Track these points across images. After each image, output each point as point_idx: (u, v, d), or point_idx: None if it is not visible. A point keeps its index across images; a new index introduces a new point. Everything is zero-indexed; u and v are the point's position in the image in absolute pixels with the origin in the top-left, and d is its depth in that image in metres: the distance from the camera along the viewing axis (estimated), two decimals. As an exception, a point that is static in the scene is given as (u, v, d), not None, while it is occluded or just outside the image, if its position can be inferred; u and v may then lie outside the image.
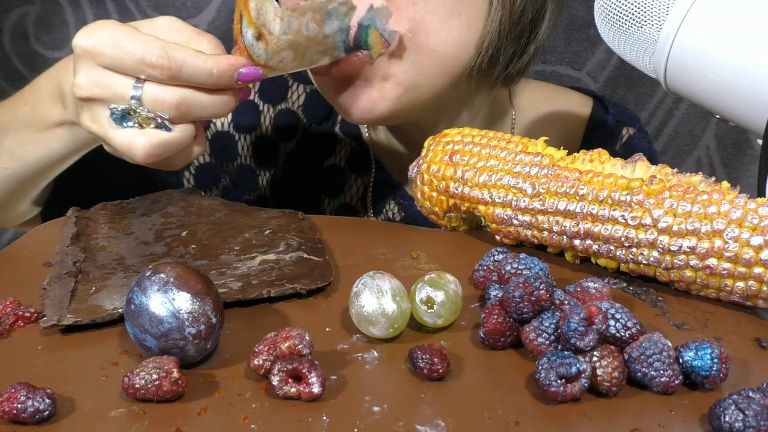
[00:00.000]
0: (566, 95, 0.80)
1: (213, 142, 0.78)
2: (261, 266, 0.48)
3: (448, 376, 0.39)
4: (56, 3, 1.03)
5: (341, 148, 0.79)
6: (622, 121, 0.79)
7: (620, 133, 0.79)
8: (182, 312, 0.37)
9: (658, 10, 0.52)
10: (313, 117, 0.79)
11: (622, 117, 0.80)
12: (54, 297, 0.44)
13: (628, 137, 0.79)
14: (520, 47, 0.66)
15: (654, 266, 0.46)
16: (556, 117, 0.78)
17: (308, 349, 0.38)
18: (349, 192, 0.79)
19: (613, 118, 0.79)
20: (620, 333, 0.39)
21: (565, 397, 0.36)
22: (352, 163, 0.79)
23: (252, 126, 0.79)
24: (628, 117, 0.80)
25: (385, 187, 0.78)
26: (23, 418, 0.35)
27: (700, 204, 0.44)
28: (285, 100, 0.79)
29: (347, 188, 0.79)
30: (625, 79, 1.05)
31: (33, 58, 1.06)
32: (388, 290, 0.41)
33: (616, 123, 0.79)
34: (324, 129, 0.79)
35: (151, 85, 0.50)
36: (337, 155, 0.79)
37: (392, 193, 0.78)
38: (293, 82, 0.80)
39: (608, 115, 0.79)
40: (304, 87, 0.80)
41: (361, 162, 0.78)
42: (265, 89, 0.79)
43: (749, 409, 0.34)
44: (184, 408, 0.36)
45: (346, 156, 0.79)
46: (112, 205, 0.57)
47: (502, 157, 0.51)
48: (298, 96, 0.79)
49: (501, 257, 0.45)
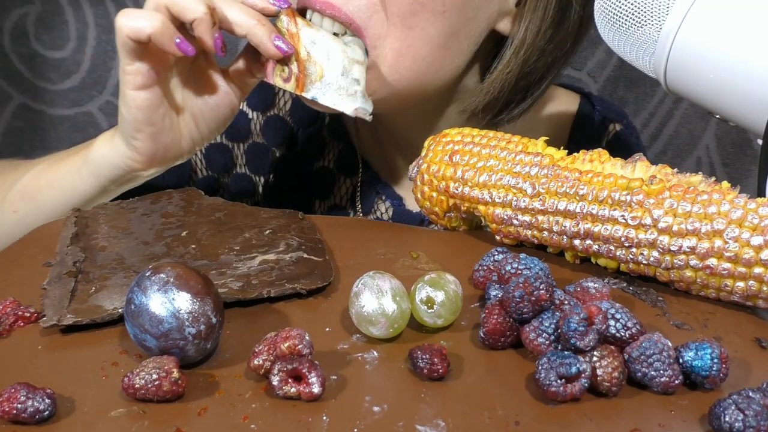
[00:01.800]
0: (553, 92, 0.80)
1: (209, 156, 0.79)
2: (261, 266, 0.48)
3: (448, 376, 0.39)
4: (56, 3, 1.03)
5: (329, 150, 0.80)
6: (609, 117, 0.79)
7: (607, 129, 0.79)
8: (182, 312, 0.37)
9: (658, 10, 0.52)
10: (300, 121, 0.80)
11: (609, 113, 0.79)
12: (54, 297, 0.44)
13: (615, 133, 0.79)
14: (520, 96, 0.68)
15: (654, 266, 0.46)
16: (544, 113, 0.78)
17: (308, 349, 0.38)
18: (339, 193, 0.80)
19: (600, 115, 0.79)
20: (620, 333, 0.39)
21: (565, 397, 0.36)
22: (340, 165, 0.80)
23: (244, 135, 0.81)
24: (615, 113, 0.80)
25: (373, 186, 0.79)
26: (23, 418, 0.35)
27: (700, 204, 0.44)
28: (273, 107, 0.81)
29: (336, 189, 0.80)
30: (625, 79, 1.04)
31: (33, 58, 1.06)
32: (388, 290, 0.41)
33: (602, 119, 0.79)
34: (311, 132, 0.80)
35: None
36: (325, 157, 0.80)
37: (380, 192, 0.78)
38: (279, 88, 0.80)
39: (594, 112, 0.79)
40: (291, 93, 0.80)
41: (349, 163, 0.79)
42: (254, 97, 0.80)
43: (749, 409, 0.34)
44: (184, 408, 0.36)
45: (335, 158, 0.80)
46: (112, 205, 0.57)
47: (502, 157, 0.51)
48: (285, 102, 0.81)
49: (501, 257, 0.45)
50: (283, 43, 0.57)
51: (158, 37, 0.54)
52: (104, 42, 1.04)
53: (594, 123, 0.79)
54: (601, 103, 0.80)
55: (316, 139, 0.80)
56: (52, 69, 1.06)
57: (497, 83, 0.65)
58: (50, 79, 1.07)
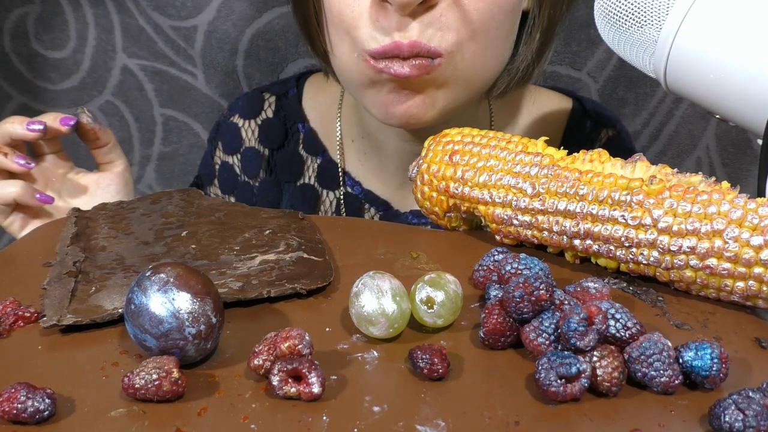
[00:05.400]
0: (547, 96, 0.80)
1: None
2: (261, 266, 0.48)
3: (448, 376, 0.39)
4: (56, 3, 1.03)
5: (308, 167, 0.81)
6: (602, 122, 0.79)
7: (599, 135, 0.79)
8: (182, 312, 0.37)
9: (658, 10, 0.52)
10: (272, 143, 0.82)
11: (602, 118, 0.79)
12: (54, 297, 0.44)
13: (607, 138, 0.79)
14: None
15: (654, 266, 0.46)
16: (536, 119, 0.78)
17: (308, 349, 0.38)
18: (323, 207, 0.81)
19: (592, 120, 0.79)
20: (620, 333, 0.39)
21: (565, 397, 0.36)
22: (321, 179, 0.80)
23: (232, 184, 0.84)
24: (608, 118, 0.80)
25: (356, 197, 0.79)
26: (23, 418, 0.35)
27: (700, 204, 0.44)
28: (243, 142, 0.83)
29: (320, 204, 0.81)
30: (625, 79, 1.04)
31: (33, 58, 1.06)
32: (388, 290, 0.41)
33: (595, 124, 0.79)
34: (288, 152, 0.82)
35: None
36: (305, 174, 0.81)
37: (364, 201, 0.78)
38: (243, 121, 0.83)
39: (587, 117, 0.79)
40: (254, 121, 0.83)
41: (330, 176, 0.80)
42: (223, 143, 0.84)
43: (749, 409, 0.34)
44: (184, 408, 0.36)
45: (315, 173, 0.81)
46: (112, 205, 0.57)
47: (502, 157, 0.51)
48: (252, 131, 0.82)
49: (501, 257, 0.45)
50: (26, 161, 0.64)
51: (22, 198, 0.65)
52: (104, 42, 1.04)
53: (586, 128, 0.79)
54: (594, 108, 0.79)
55: (294, 158, 0.81)
56: (52, 69, 1.06)
57: (522, 63, 0.66)
58: (50, 79, 1.07)
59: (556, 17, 0.66)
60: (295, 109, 0.82)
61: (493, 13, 0.59)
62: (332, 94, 0.80)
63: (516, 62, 0.67)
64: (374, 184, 0.78)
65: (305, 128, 0.81)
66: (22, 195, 0.64)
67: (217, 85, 1.06)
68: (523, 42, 0.66)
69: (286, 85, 0.83)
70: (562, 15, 0.67)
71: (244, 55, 1.04)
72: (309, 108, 0.82)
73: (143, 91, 1.08)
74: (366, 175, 0.79)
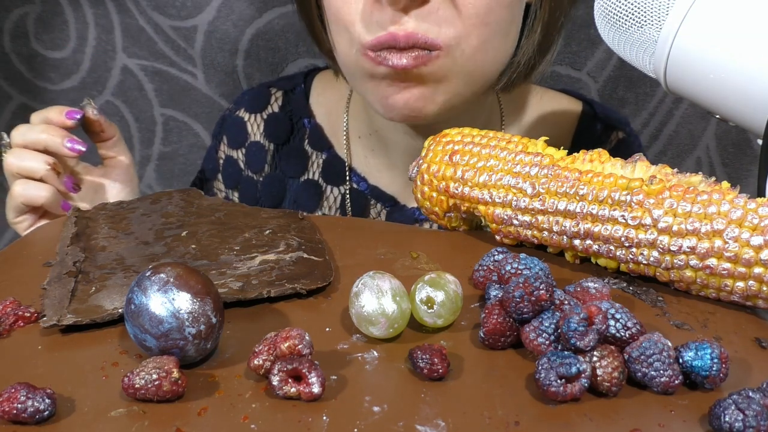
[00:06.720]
0: (556, 98, 0.80)
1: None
2: (261, 266, 0.48)
3: (448, 376, 0.39)
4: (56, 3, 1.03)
5: (313, 162, 0.81)
6: (611, 126, 0.79)
7: (609, 137, 0.79)
8: (182, 312, 0.37)
9: (658, 10, 0.52)
10: (277, 139, 0.82)
11: (611, 121, 0.79)
12: (54, 297, 0.44)
13: (617, 142, 0.79)
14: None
15: (654, 266, 0.46)
16: (545, 120, 0.78)
17: (308, 349, 0.38)
18: (326, 203, 0.81)
19: (602, 123, 0.79)
20: (620, 333, 0.39)
21: (565, 397, 0.36)
22: (326, 175, 0.80)
23: (236, 179, 0.84)
24: (617, 121, 0.80)
25: (362, 192, 0.79)
26: (23, 418, 0.35)
27: (700, 204, 0.44)
28: (248, 136, 0.83)
29: (325, 200, 0.81)
30: (625, 79, 1.05)
31: (33, 58, 1.06)
32: (388, 290, 0.41)
33: (604, 128, 0.79)
34: (293, 147, 0.82)
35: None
36: (310, 170, 0.81)
37: (370, 197, 0.78)
38: (249, 115, 0.83)
39: (597, 120, 0.79)
40: (260, 116, 0.83)
41: (335, 172, 0.80)
42: (228, 136, 0.84)
43: (749, 409, 0.34)
44: (184, 408, 0.36)
45: (320, 169, 0.81)
46: (112, 205, 0.57)
47: (502, 157, 0.51)
48: (258, 126, 0.83)
49: (501, 257, 0.45)
50: (77, 144, 0.64)
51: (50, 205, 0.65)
52: (104, 42, 1.04)
53: (596, 131, 0.79)
54: (603, 111, 0.80)
55: (299, 153, 0.81)
56: (52, 69, 1.06)
57: (524, 57, 0.66)
58: (50, 79, 1.07)
59: (558, 10, 0.66)
60: (301, 104, 0.82)
61: (491, 6, 0.59)
62: (340, 91, 0.81)
63: (518, 56, 0.67)
64: (381, 180, 0.78)
65: (311, 124, 0.81)
66: (51, 202, 0.65)
67: (217, 85, 1.06)
68: (525, 35, 0.67)
69: (294, 80, 0.84)
70: (565, 8, 0.67)
71: (244, 55, 1.04)
72: (316, 104, 0.82)
73: (143, 91, 1.08)
74: (373, 171, 0.79)
